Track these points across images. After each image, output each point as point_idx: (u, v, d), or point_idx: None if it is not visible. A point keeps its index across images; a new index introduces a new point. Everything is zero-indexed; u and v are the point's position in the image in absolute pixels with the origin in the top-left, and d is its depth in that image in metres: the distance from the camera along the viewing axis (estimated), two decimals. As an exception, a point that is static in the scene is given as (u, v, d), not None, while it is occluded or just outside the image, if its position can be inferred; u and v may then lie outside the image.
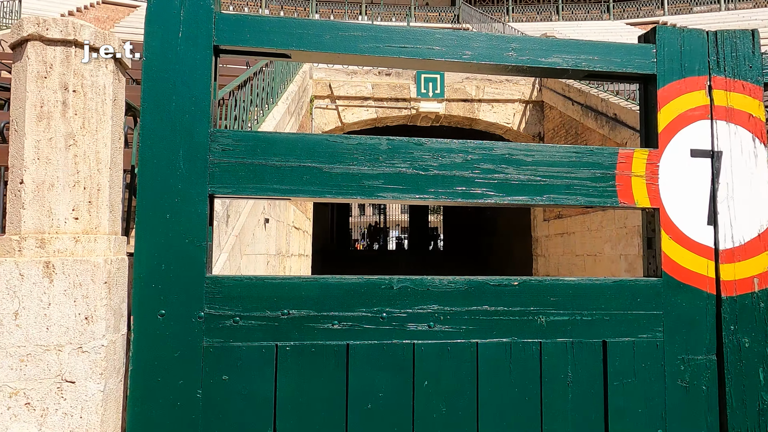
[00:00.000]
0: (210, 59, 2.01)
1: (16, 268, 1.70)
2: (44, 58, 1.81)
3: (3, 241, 1.78)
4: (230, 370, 1.93)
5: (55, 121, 1.81)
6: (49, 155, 1.80)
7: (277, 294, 1.98)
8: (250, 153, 2.00)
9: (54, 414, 1.70)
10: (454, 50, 2.16)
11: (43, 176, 1.79)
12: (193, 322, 1.91)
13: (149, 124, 1.93)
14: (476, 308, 2.09)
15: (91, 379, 1.74)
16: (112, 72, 1.97)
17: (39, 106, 1.80)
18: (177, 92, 1.96)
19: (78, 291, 1.74)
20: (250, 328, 1.95)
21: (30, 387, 1.69)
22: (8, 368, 1.68)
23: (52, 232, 1.79)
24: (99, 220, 1.90)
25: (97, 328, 1.76)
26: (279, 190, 2.02)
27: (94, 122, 1.89)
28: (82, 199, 1.85)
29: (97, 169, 1.89)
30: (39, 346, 1.71)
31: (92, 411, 1.74)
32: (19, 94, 1.83)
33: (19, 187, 1.79)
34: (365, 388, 2.00)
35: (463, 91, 11.91)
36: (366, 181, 2.07)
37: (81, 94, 1.86)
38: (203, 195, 1.97)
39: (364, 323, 2.03)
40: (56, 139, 1.81)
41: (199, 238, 1.95)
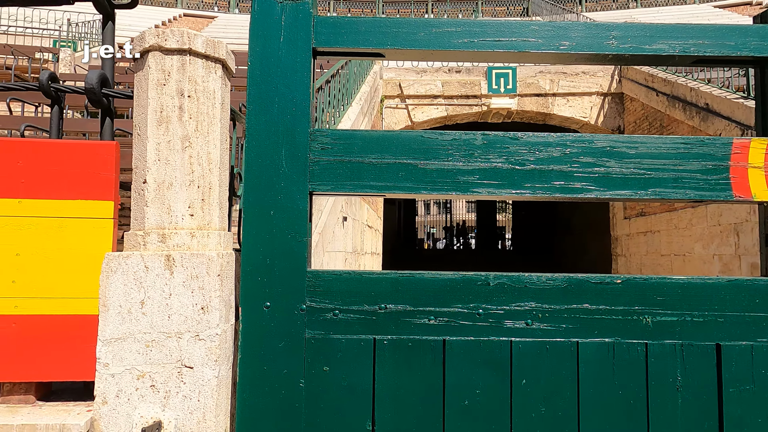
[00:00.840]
0: (309, 61, 2.09)
1: (142, 260, 1.86)
2: (163, 66, 1.96)
3: (129, 236, 1.95)
4: (331, 361, 2.00)
5: (172, 124, 1.95)
6: (168, 156, 1.94)
7: (374, 289, 2.02)
8: (348, 151, 2.06)
9: (175, 396, 1.84)
10: (551, 41, 2.10)
11: (163, 176, 1.94)
12: (296, 314, 1.99)
13: (254, 125, 2.03)
14: (576, 306, 2.03)
15: (207, 365, 1.86)
16: (220, 77, 2.09)
17: (159, 111, 1.95)
18: (279, 94, 2.05)
19: (195, 283, 1.87)
20: (349, 322, 2.01)
21: (155, 370, 1.84)
22: (136, 353, 1.84)
23: (171, 228, 1.93)
24: (211, 217, 2.02)
25: (211, 318, 1.88)
26: (375, 187, 2.06)
27: (205, 125, 2.02)
28: (197, 197, 1.98)
29: (209, 168, 2.02)
30: (162, 333, 1.85)
31: (208, 395, 1.86)
32: (141, 101, 1.99)
33: (143, 187, 1.95)
34: (462, 385, 2.00)
35: (536, 85, 11.56)
36: (461, 177, 2.07)
37: (194, 99, 1.99)
38: (304, 192, 2.05)
39: (460, 319, 2.03)
40: (174, 141, 1.95)
41: (301, 233, 2.03)
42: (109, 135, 2.18)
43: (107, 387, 1.83)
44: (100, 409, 1.82)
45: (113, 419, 1.82)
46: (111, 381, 1.83)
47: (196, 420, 1.85)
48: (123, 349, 1.84)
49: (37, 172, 1.96)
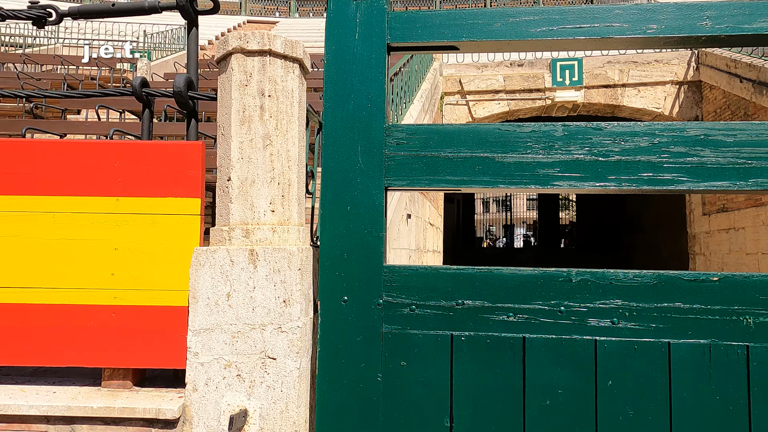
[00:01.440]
0: (384, 57, 2.10)
1: (228, 255, 1.93)
2: (245, 68, 2.03)
3: (215, 232, 2.03)
4: (408, 356, 2.00)
5: (254, 124, 2.02)
6: (251, 155, 2.01)
7: (451, 284, 2.00)
8: (423, 146, 2.05)
9: (260, 386, 1.90)
10: (637, 25, 1.99)
11: (246, 173, 2.01)
12: (373, 308, 2.01)
13: (331, 122, 2.07)
14: (667, 305, 1.91)
15: (289, 357, 1.91)
16: (298, 77, 2.14)
17: (242, 111, 2.02)
18: (355, 91, 2.07)
19: (277, 276, 1.93)
20: (425, 317, 2.00)
21: (240, 360, 1.91)
22: (223, 343, 1.92)
23: (254, 224, 2.00)
24: (290, 213, 2.08)
25: (293, 311, 1.93)
26: (451, 182, 2.04)
27: (285, 123, 2.07)
28: (277, 193, 2.04)
29: (288, 166, 2.08)
30: (247, 325, 1.92)
31: (290, 386, 1.91)
32: (225, 102, 2.08)
33: (227, 184, 2.03)
34: (543, 384, 1.94)
35: (604, 76, 11.06)
36: (540, 170, 2.00)
37: (275, 99, 2.05)
38: (380, 188, 2.06)
39: (540, 316, 1.97)
40: (255, 140, 2.02)
41: (377, 228, 2.05)
42: (194, 135, 2.29)
43: (197, 375, 1.92)
44: (191, 396, 1.91)
45: (203, 406, 1.90)
46: (200, 369, 1.92)
47: (279, 410, 1.91)
48: (211, 340, 1.92)
49: (132, 172, 2.09)
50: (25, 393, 2.00)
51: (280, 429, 1.89)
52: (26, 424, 1.91)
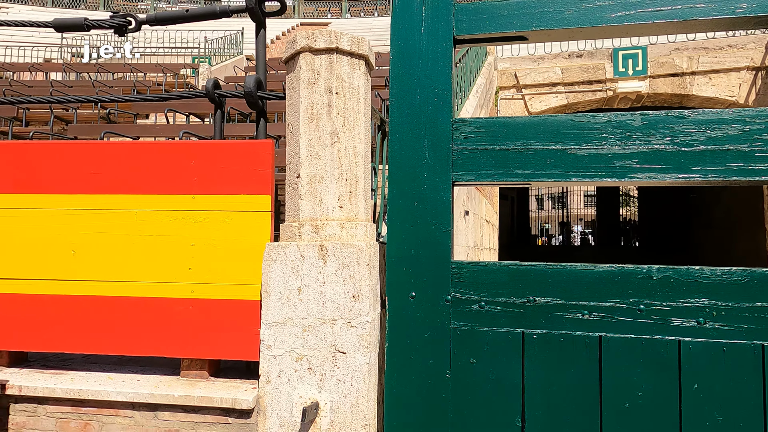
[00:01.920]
0: (450, 51, 2.07)
1: (298, 250, 1.97)
2: (313, 66, 2.06)
3: (285, 228, 2.08)
4: (477, 353, 1.97)
5: (322, 121, 2.05)
6: (319, 152, 2.04)
7: (522, 281, 1.95)
8: (492, 139, 2.01)
9: (330, 379, 1.93)
10: (725, 4, 1.86)
11: (314, 170, 2.04)
12: (441, 305, 1.99)
13: (397, 118, 2.07)
14: (761, 304, 1.78)
15: (359, 351, 1.93)
16: (363, 73, 2.15)
17: (310, 109, 2.06)
18: (421, 85, 2.06)
19: (346, 272, 1.94)
20: (495, 314, 1.96)
21: (311, 354, 1.94)
22: (294, 336, 1.96)
23: (323, 219, 2.02)
24: (357, 209, 2.09)
25: (362, 306, 1.94)
26: (521, 175, 1.99)
27: (351, 120, 2.09)
28: (345, 189, 2.06)
29: (355, 162, 2.09)
30: (317, 319, 1.95)
31: (360, 380, 1.92)
32: (293, 100, 2.12)
33: (296, 181, 2.07)
34: (621, 385, 1.86)
35: (671, 64, 10.46)
36: (617, 162, 1.91)
37: (342, 96, 2.07)
38: (447, 183, 2.04)
39: (617, 315, 1.88)
40: (323, 137, 2.05)
41: (444, 224, 2.03)
42: (263, 134, 2.35)
43: (270, 367, 1.97)
44: (264, 387, 1.97)
45: (275, 397, 1.95)
46: (273, 362, 1.97)
47: (350, 403, 1.93)
48: (283, 333, 1.97)
49: (206, 171, 2.17)
50: (112, 380, 2.13)
51: (351, 422, 1.91)
52: (114, 410, 2.03)
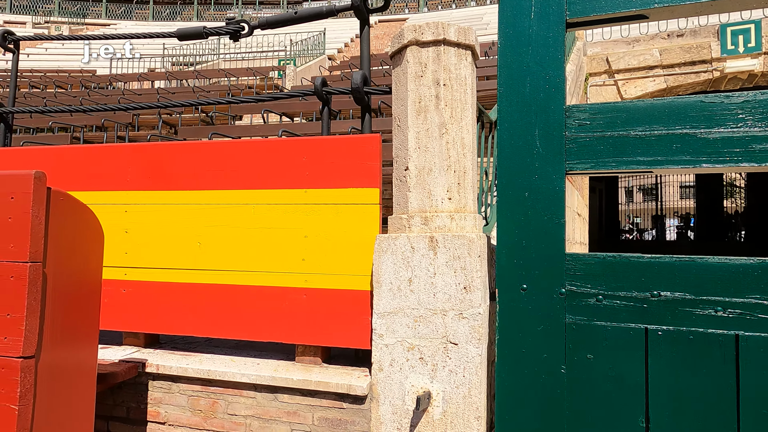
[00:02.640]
0: (562, 35, 2.00)
1: (408, 242, 2.00)
2: (420, 59, 2.08)
3: (394, 220, 2.12)
4: (594, 349, 1.90)
5: (430, 113, 2.06)
6: (427, 144, 2.06)
7: (645, 274, 1.85)
8: (609, 125, 1.92)
9: (442, 370, 1.94)
10: None
11: (423, 162, 2.06)
12: (555, 298, 1.94)
13: (506, 107, 2.03)
14: None
15: (471, 343, 1.92)
16: (470, 64, 2.13)
17: (417, 102, 2.07)
18: (531, 72, 2.01)
19: (457, 263, 1.94)
20: (614, 309, 1.87)
21: (422, 344, 1.97)
22: (406, 326, 1.99)
23: (432, 211, 2.04)
24: (466, 200, 2.08)
25: (474, 297, 1.93)
26: (643, 162, 1.88)
27: (459, 111, 2.08)
28: (453, 181, 2.05)
29: (463, 153, 2.08)
30: (428, 310, 1.96)
31: (472, 372, 1.92)
32: (400, 94, 2.15)
33: (404, 174, 2.10)
34: (762, 389, 1.70)
35: (791, 38, 9.38)
36: (755, 145, 1.75)
37: (449, 87, 2.06)
38: (560, 172, 1.97)
39: (757, 312, 1.73)
40: (431, 129, 2.06)
41: (558, 215, 1.97)
42: (368, 129, 2.41)
43: (382, 356, 2.02)
44: (377, 375, 2.02)
45: (388, 385, 2.00)
46: (385, 351, 2.02)
47: (462, 395, 1.93)
48: (395, 323, 2.01)
49: (317, 165, 2.26)
50: (235, 363, 2.28)
51: (463, 413, 1.91)
52: (239, 390, 2.18)
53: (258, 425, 2.14)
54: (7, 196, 1.51)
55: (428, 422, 1.95)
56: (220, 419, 2.19)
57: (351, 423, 2.05)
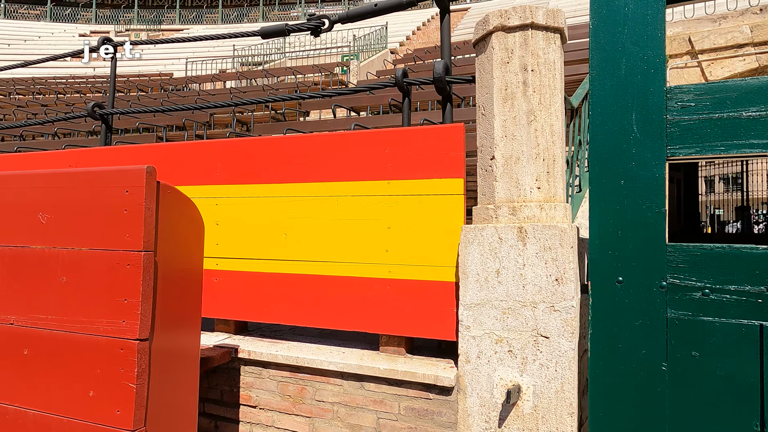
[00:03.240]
0: (662, 12, 1.87)
1: (496, 232, 1.96)
2: (506, 45, 2.02)
3: (479, 211, 2.08)
4: (701, 346, 1.78)
5: (517, 100, 2.00)
6: (514, 132, 2.00)
7: (758, 267, 1.71)
8: (717, 106, 1.78)
9: (532, 363, 1.89)
10: None
11: (510, 151, 2.01)
12: (654, 291, 1.84)
13: (599, 91, 1.94)
14: None
15: (563, 336, 1.86)
16: (558, 48, 2.05)
17: (504, 89, 2.02)
18: (626, 54, 1.90)
19: (548, 254, 1.88)
20: (723, 303, 1.75)
21: (511, 337, 1.92)
22: (494, 318, 1.96)
23: (520, 201, 1.99)
24: (555, 189, 2.01)
25: (566, 290, 1.87)
26: (758, 146, 1.73)
27: (547, 97, 2.01)
28: (542, 169, 1.99)
29: (552, 140, 2.01)
30: (517, 302, 1.92)
31: (565, 366, 1.86)
32: (485, 82, 2.10)
33: (490, 163, 2.06)
34: None
35: None
36: None
37: (537, 73, 2.00)
38: (660, 158, 1.86)
39: None
40: (519, 116, 2.00)
41: (657, 203, 1.86)
42: (449, 119, 2.39)
43: (469, 348, 2.00)
44: (464, 367, 2.01)
45: (475, 377, 1.98)
46: (472, 342, 1.99)
47: (554, 389, 1.87)
48: (482, 314, 1.98)
49: (400, 156, 2.26)
50: (321, 351, 2.34)
51: (555, 409, 1.86)
52: (326, 377, 2.23)
53: (345, 412, 2.18)
54: (122, 189, 1.63)
55: (517, 416, 1.91)
56: (309, 405, 2.26)
57: (437, 414, 2.05)
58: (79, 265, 1.66)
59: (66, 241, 1.69)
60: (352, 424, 2.17)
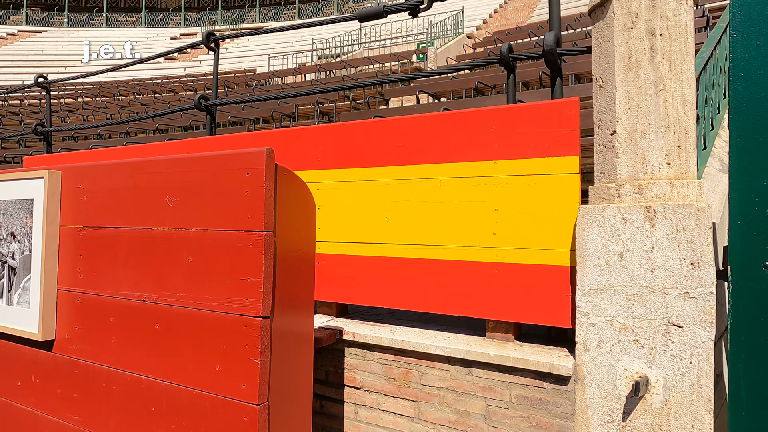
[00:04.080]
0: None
1: (619, 212, 1.82)
2: (629, 8, 1.86)
3: (597, 190, 1.94)
4: None
5: (642, 69, 1.84)
6: (639, 103, 1.84)
7: None
8: None
9: (662, 354, 1.74)
10: None
11: (634, 125, 1.85)
12: (811, 278, 1.62)
13: (741, 53, 1.73)
14: None
15: (700, 326, 1.69)
16: (690, 8, 1.86)
17: (627, 57, 1.86)
18: (777, 9, 1.68)
19: (681, 236, 1.72)
20: None
21: (637, 325, 1.78)
22: (616, 305, 1.82)
23: (646, 178, 1.83)
24: (687, 165, 1.83)
25: (704, 275, 1.70)
26: None
27: (678, 63, 1.83)
28: (672, 144, 1.82)
29: (684, 111, 1.83)
30: (644, 287, 1.77)
31: (702, 359, 1.69)
32: (604, 51, 1.95)
33: (610, 139, 1.91)
34: None
35: None
36: None
37: (666, 37, 1.82)
38: (820, 126, 1.63)
39: None
40: (645, 86, 1.83)
41: (816, 178, 1.63)
42: (559, 94, 2.25)
43: (588, 335, 1.88)
44: (582, 355, 1.89)
45: (595, 367, 1.86)
46: (591, 330, 1.87)
47: (689, 383, 1.72)
48: (602, 300, 1.85)
49: (507, 135, 2.17)
50: (425, 335, 2.32)
51: (691, 404, 1.70)
52: (431, 362, 2.21)
53: (452, 398, 2.14)
54: (242, 171, 1.67)
55: (645, 410, 1.77)
56: (414, 389, 2.24)
57: (552, 404, 1.95)
58: (203, 246, 1.74)
59: (191, 222, 1.77)
60: (460, 410, 2.13)
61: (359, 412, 2.38)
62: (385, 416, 2.31)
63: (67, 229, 2.12)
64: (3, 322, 2.25)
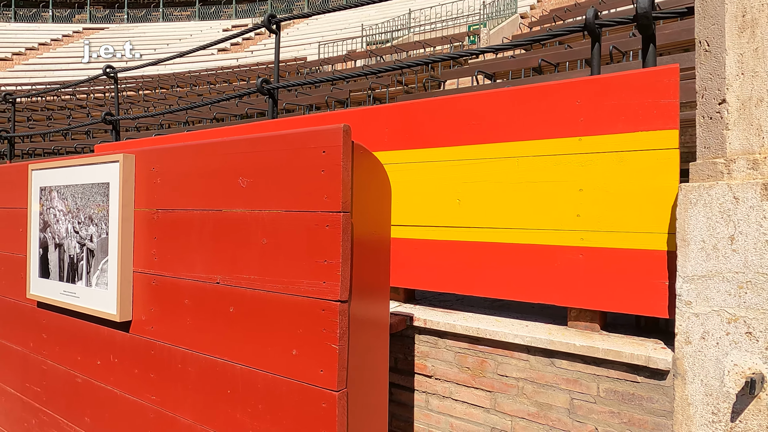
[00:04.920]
0: None
1: (729, 191, 1.63)
2: (744, -40, 1.64)
3: (701, 166, 1.75)
4: None
5: (760, 28, 1.63)
6: (755, 67, 1.64)
7: None
8: None
9: (782, 349, 1.55)
10: None
11: (749, 92, 1.65)
12: None
13: None
14: None
15: (830, 318, 1.49)
16: (819, -45, 1.62)
17: (740, 16, 1.66)
18: None
19: (808, 216, 1.51)
20: None
21: (750, 316, 1.60)
22: (725, 293, 1.64)
23: (763, 152, 1.63)
24: (813, 136, 1.61)
25: (836, 260, 1.49)
26: None
27: (804, 20, 1.60)
28: (795, 112, 1.60)
29: (809, 75, 1.60)
30: (760, 274, 1.58)
31: (832, 355, 1.49)
32: (711, 10, 1.74)
33: (718, 109, 1.71)
34: None
35: None
36: None
37: (790, -10, 1.60)
38: None
39: None
40: (763, 48, 1.63)
41: None
42: (652, 62, 2.05)
43: (690, 326, 1.71)
44: (683, 348, 1.73)
45: (699, 361, 1.69)
46: (694, 321, 1.70)
47: (815, 382, 1.52)
48: (708, 288, 1.68)
49: (594, 109, 2.00)
50: (501, 323, 2.20)
51: (817, 406, 1.51)
52: (509, 351, 2.09)
53: (532, 389, 2.02)
54: (318, 149, 1.61)
55: (759, 410, 1.59)
56: (489, 379, 2.13)
57: (647, 400, 1.80)
58: (278, 227, 1.69)
59: (265, 203, 1.73)
60: (541, 402, 2.00)
61: (430, 400, 2.31)
62: (458, 406, 2.22)
63: (142, 212, 2.13)
64: (83, 303, 2.31)
